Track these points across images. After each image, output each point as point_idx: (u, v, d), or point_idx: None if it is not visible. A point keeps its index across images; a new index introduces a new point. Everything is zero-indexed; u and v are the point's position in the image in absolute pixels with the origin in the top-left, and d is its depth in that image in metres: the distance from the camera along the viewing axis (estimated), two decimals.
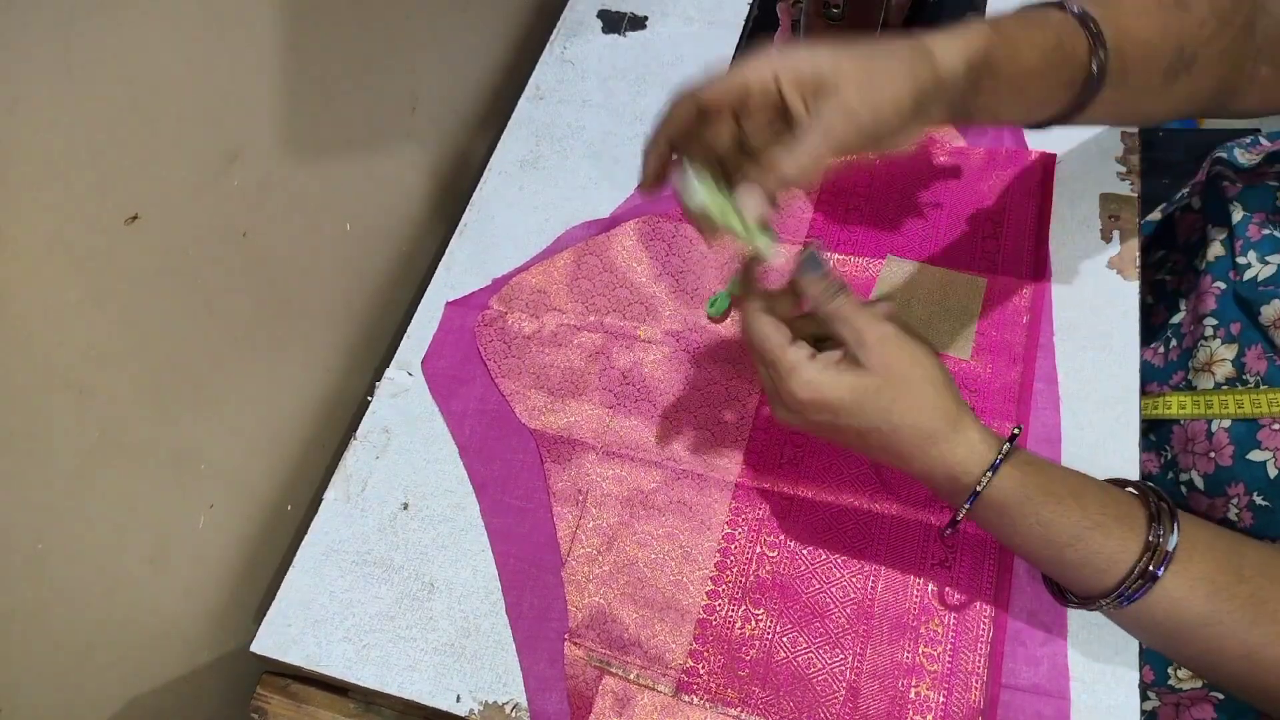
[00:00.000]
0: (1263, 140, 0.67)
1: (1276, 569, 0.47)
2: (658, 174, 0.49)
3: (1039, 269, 0.65)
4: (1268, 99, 0.57)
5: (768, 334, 0.47)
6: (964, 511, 0.48)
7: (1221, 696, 0.60)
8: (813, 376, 0.46)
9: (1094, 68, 0.51)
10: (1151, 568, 0.45)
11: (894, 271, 0.67)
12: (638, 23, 0.85)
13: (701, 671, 0.55)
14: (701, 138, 0.47)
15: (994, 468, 0.46)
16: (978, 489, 0.47)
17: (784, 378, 0.47)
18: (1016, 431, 0.48)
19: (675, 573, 0.58)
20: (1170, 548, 0.45)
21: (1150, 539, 0.46)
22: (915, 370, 0.46)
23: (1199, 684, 0.61)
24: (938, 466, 0.47)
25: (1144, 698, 0.54)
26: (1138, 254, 0.65)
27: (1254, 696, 0.48)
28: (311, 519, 0.63)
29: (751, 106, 0.45)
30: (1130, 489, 0.50)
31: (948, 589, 0.55)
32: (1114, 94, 0.53)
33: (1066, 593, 0.52)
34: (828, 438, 0.49)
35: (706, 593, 0.57)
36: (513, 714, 0.55)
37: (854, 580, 0.56)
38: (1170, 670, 0.62)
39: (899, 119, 0.45)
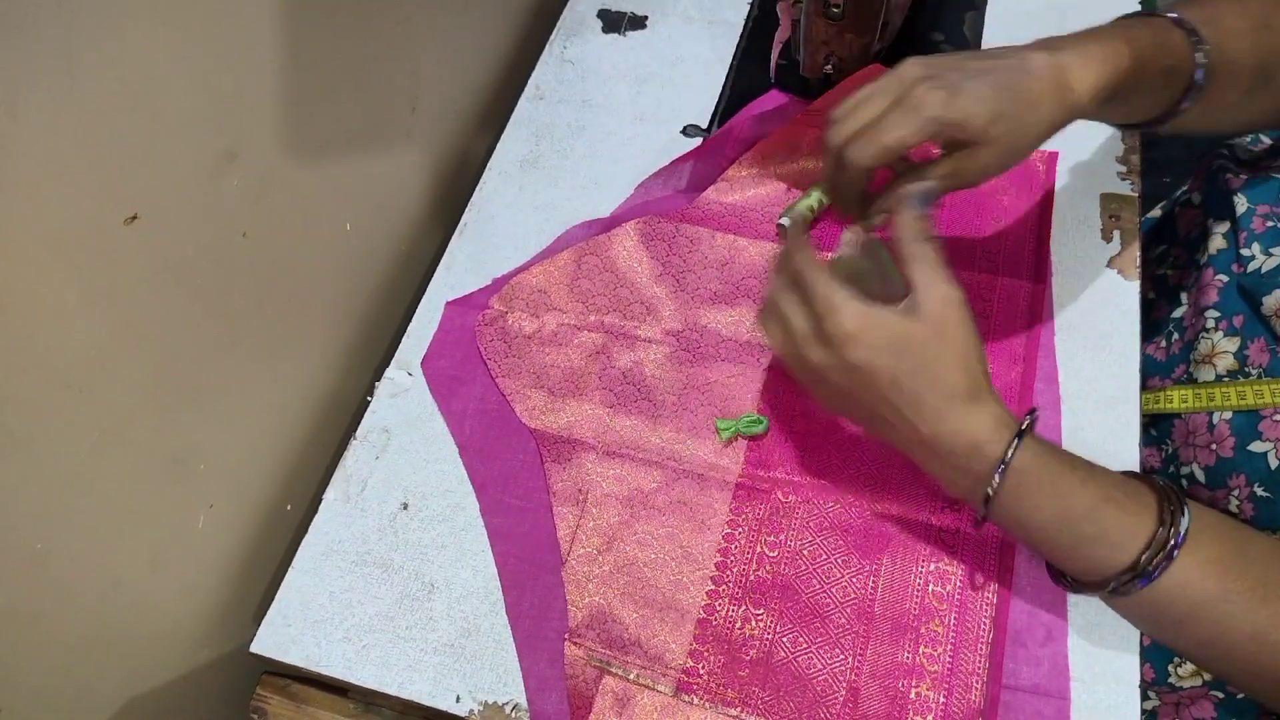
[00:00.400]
0: (1264, 138, 0.67)
1: (1277, 557, 0.47)
2: (868, 228, 0.54)
3: (1040, 269, 0.65)
4: None
5: (816, 268, 0.48)
6: (996, 482, 0.47)
7: (1221, 695, 0.60)
8: (865, 309, 0.47)
9: (1191, 89, 0.53)
10: (1170, 545, 0.46)
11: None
12: (638, 23, 0.85)
13: (701, 671, 0.55)
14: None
15: (1019, 435, 0.47)
16: (1007, 457, 0.47)
17: (834, 309, 0.47)
18: (1034, 411, 0.49)
19: (675, 573, 0.58)
20: (1184, 528, 0.46)
21: (1164, 517, 0.46)
22: (966, 337, 0.47)
23: (1199, 682, 0.61)
24: (963, 430, 0.47)
25: (1144, 697, 0.54)
26: (1138, 254, 0.65)
27: (1259, 682, 0.48)
28: (311, 519, 0.63)
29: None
30: (1134, 477, 0.50)
31: (948, 589, 0.55)
32: (1198, 107, 0.55)
33: (1071, 577, 0.51)
34: (851, 388, 0.49)
35: (706, 593, 0.57)
36: (513, 714, 0.55)
37: (854, 580, 0.56)
38: (1170, 669, 0.62)
39: (1028, 156, 0.50)
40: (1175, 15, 0.54)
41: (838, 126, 0.51)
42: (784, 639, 0.55)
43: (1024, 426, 0.47)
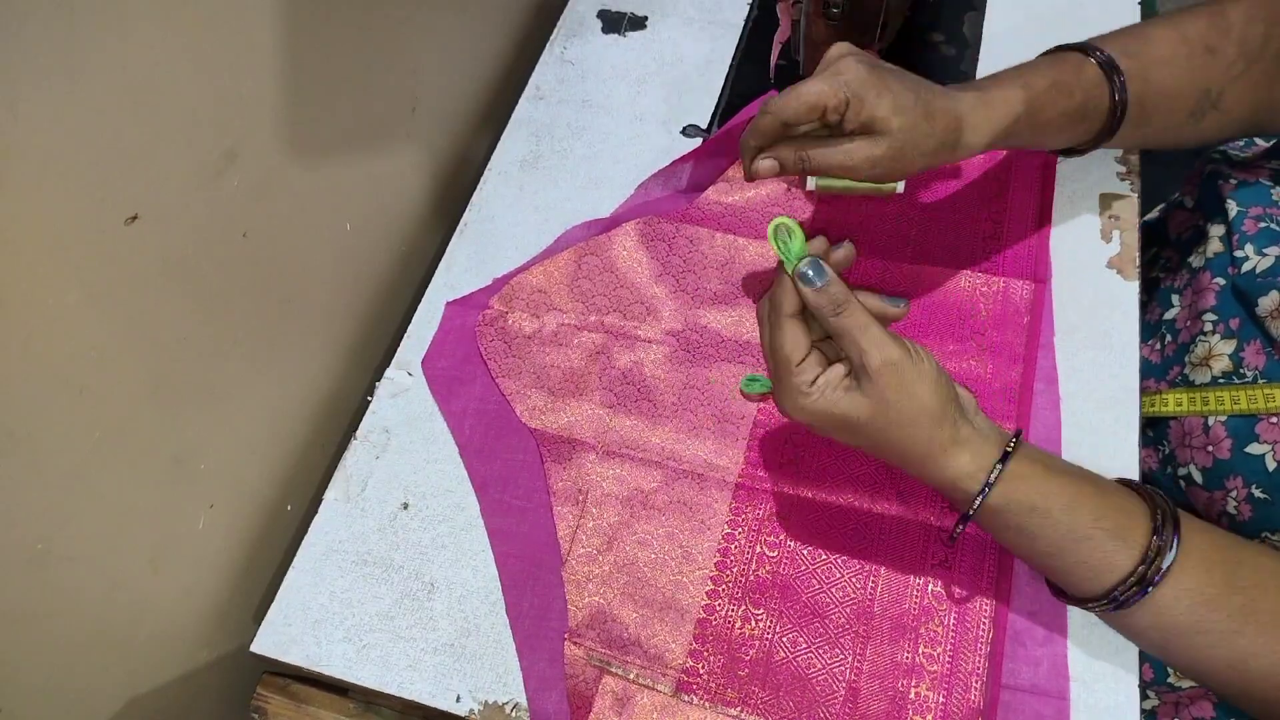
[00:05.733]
0: (1259, 141, 0.67)
1: (1269, 583, 0.47)
2: (753, 172, 0.55)
3: (1039, 269, 0.65)
4: None
5: (784, 346, 0.49)
6: (961, 528, 0.50)
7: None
8: (813, 401, 0.48)
9: (1113, 115, 0.57)
10: (1148, 576, 0.45)
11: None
12: (638, 23, 0.85)
13: (701, 671, 0.55)
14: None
15: (982, 492, 0.47)
16: (972, 511, 0.48)
17: (789, 392, 0.49)
18: (1009, 450, 0.48)
19: (675, 572, 0.58)
20: (1166, 564, 0.45)
21: (1149, 551, 0.46)
22: (909, 405, 0.47)
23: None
24: (937, 478, 0.49)
25: (1144, 696, 0.54)
26: (1137, 254, 0.65)
27: (1244, 704, 0.48)
28: (311, 519, 0.63)
29: (815, 118, 0.52)
30: (1137, 493, 0.49)
31: (948, 589, 0.55)
32: (1138, 130, 0.59)
33: (1056, 589, 0.52)
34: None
35: (706, 592, 0.57)
36: (513, 714, 0.55)
37: (854, 580, 0.56)
38: (1169, 669, 0.62)
39: (905, 174, 0.53)
40: (1098, 49, 0.57)
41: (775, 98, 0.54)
42: (784, 639, 0.55)
43: (991, 479, 0.47)
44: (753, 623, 0.56)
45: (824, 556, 0.57)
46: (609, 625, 0.57)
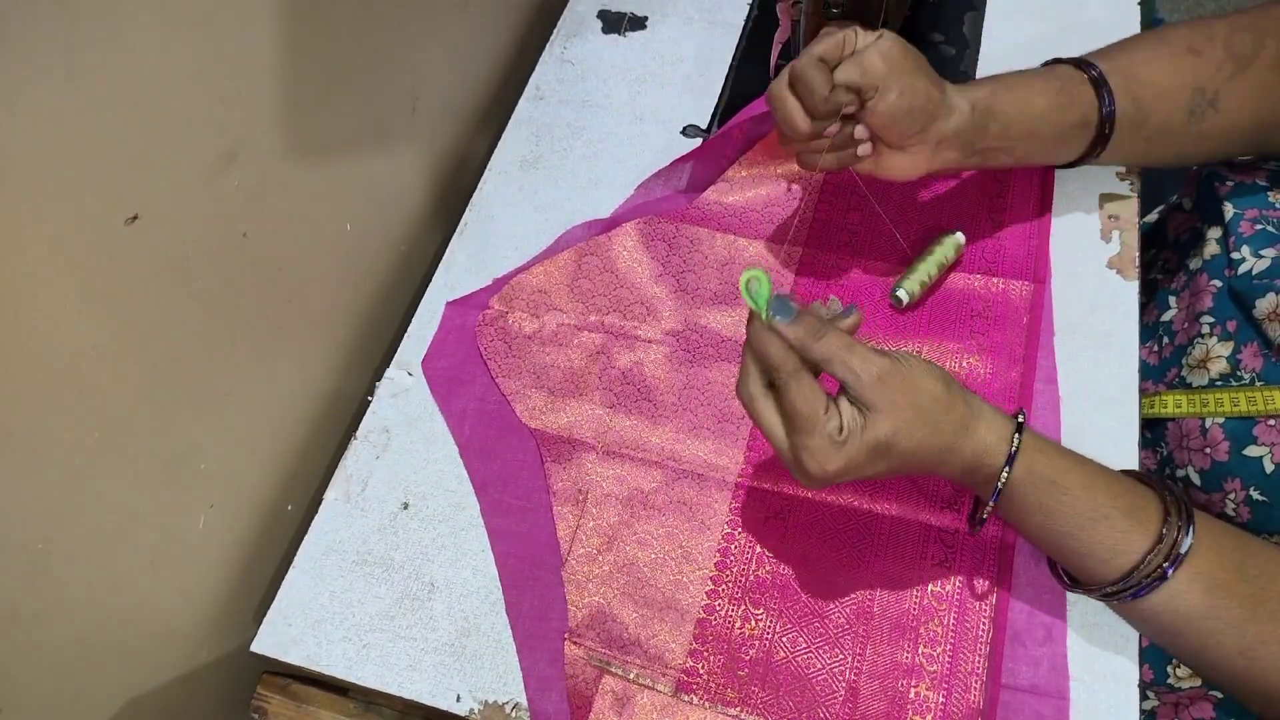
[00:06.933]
0: None
1: (1278, 572, 0.47)
2: (822, 165, 0.58)
3: (1039, 269, 0.65)
4: None
5: (804, 404, 0.46)
6: (990, 507, 0.50)
7: (1220, 695, 0.60)
8: (849, 446, 0.46)
9: (1102, 109, 0.58)
10: (1165, 564, 0.46)
11: None
12: (638, 23, 0.85)
13: (701, 671, 0.55)
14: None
15: (1009, 462, 0.48)
16: (999, 485, 0.48)
17: (819, 452, 0.46)
18: (1021, 421, 0.49)
19: (675, 572, 0.58)
20: (1184, 549, 0.46)
21: (1164, 533, 0.47)
22: (920, 399, 0.47)
23: (1198, 683, 0.61)
24: (960, 469, 0.49)
25: (1143, 697, 0.54)
26: (1137, 254, 0.65)
27: (1250, 697, 0.48)
28: (311, 519, 0.63)
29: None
30: (1147, 484, 0.50)
31: (947, 589, 0.55)
32: (1138, 133, 0.60)
33: (1069, 577, 0.52)
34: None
35: (706, 592, 0.57)
36: (513, 714, 0.55)
37: (853, 580, 0.56)
38: (1169, 669, 0.62)
39: (915, 97, 0.55)
40: (1072, 58, 0.61)
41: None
42: (783, 639, 0.55)
43: (1014, 448, 0.48)
44: (753, 622, 0.56)
45: (824, 556, 0.57)
46: (609, 625, 0.57)
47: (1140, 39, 0.62)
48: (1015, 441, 0.48)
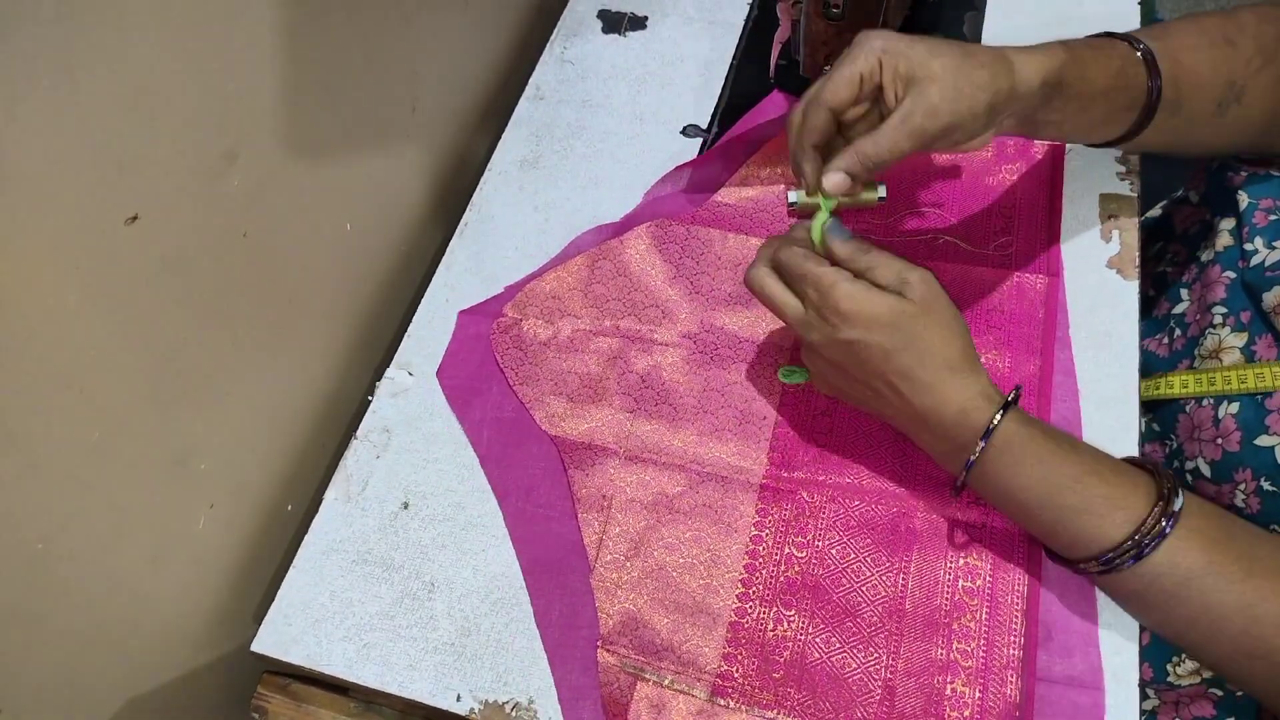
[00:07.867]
0: None
1: (1263, 535, 0.49)
2: (818, 180, 0.54)
3: (1052, 263, 0.65)
4: None
5: (808, 258, 0.52)
6: (979, 449, 0.50)
7: (1220, 693, 0.60)
8: (856, 290, 0.50)
9: (1151, 93, 0.57)
10: (1164, 523, 0.47)
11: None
12: (638, 23, 0.85)
13: (736, 675, 0.55)
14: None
15: (1005, 406, 0.50)
16: (992, 425, 0.49)
17: (827, 291, 0.50)
18: (1019, 388, 0.51)
19: (704, 576, 0.58)
20: (1177, 507, 0.47)
21: (1161, 493, 0.48)
22: (949, 310, 0.51)
23: (1198, 681, 0.61)
24: (952, 399, 0.50)
25: (1143, 696, 0.54)
26: (1137, 254, 0.65)
27: (1250, 662, 0.47)
28: (311, 519, 0.63)
29: (860, 96, 0.52)
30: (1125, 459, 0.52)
31: (978, 584, 0.55)
32: (1170, 120, 0.59)
33: (1062, 554, 0.52)
34: (846, 364, 0.52)
35: (737, 595, 0.57)
36: (513, 713, 0.55)
37: (884, 578, 0.56)
38: (1169, 668, 0.62)
39: (974, 122, 0.51)
40: (1125, 34, 0.58)
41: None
42: (817, 639, 0.55)
43: (1010, 399, 0.50)
44: (785, 624, 0.56)
45: (853, 555, 0.57)
46: (641, 631, 0.56)
47: (1179, 25, 0.60)
48: (1014, 393, 0.50)
